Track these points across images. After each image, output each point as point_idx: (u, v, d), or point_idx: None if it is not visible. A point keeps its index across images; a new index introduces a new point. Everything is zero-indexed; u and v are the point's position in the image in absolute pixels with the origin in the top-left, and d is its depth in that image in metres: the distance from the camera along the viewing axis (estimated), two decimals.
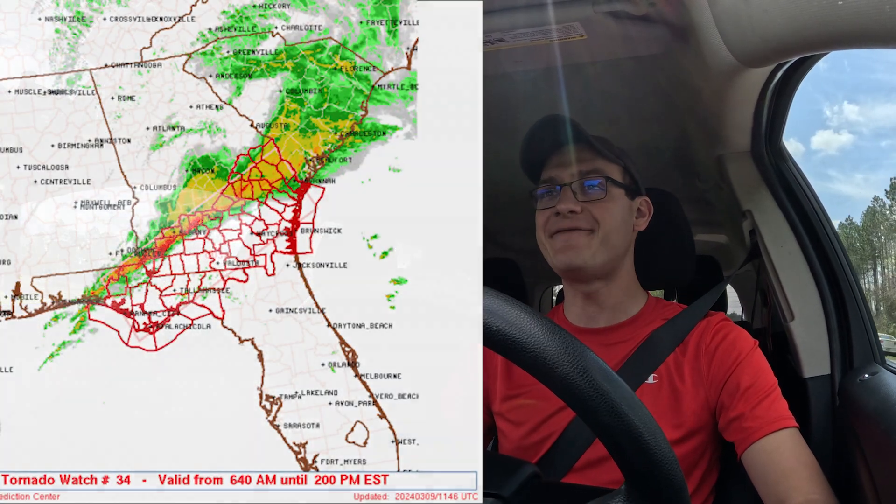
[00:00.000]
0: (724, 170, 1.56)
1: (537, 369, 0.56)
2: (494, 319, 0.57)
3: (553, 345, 0.56)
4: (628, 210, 1.22)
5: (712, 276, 2.19)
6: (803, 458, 1.03)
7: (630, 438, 0.56)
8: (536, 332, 0.56)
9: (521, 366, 0.57)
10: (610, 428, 0.56)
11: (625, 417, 0.56)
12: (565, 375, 0.55)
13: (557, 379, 0.56)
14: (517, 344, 0.56)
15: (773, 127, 1.45)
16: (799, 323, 1.39)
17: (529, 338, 0.56)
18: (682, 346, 1.17)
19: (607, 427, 0.56)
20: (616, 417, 0.55)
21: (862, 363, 1.31)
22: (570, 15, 1.18)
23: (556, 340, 0.56)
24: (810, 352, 1.37)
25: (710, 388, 1.12)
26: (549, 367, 0.56)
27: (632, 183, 1.24)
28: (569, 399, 0.56)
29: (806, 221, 1.45)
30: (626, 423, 0.55)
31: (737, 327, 1.18)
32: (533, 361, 0.56)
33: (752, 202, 1.50)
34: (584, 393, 0.55)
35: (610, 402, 0.55)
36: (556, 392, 0.57)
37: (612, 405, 0.55)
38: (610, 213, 1.17)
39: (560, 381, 0.56)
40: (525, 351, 0.56)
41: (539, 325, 0.57)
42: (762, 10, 0.83)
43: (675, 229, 1.36)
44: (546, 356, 0.56)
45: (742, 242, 1.78)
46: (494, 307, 0.57)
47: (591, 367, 0.56)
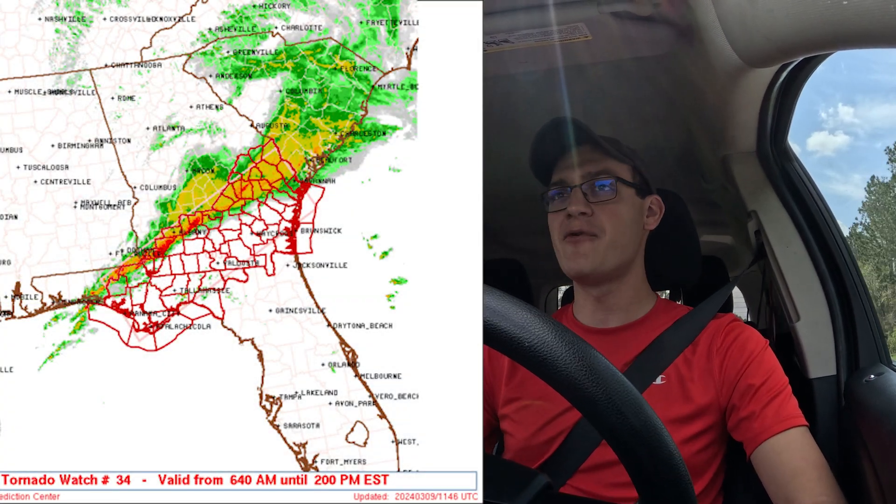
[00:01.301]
0: (730, 170, 1.56)
1: (542, 369, 0.56)
2: (498, 319, 0.57)
3: (557, 344, 0.56)
4: (639, 210, 1.22)
5: (718, 276, 2.18)
6: (812, 458, 1.03)
7: (637, 439, 0.55)
8: (541, 332, 0.56)
9: (525, 366, 0.57)
10: (616, 429, 0.55)
11: (631, 418, 0.55)
12: (570, 375, 0.55)
13: (562, 378, 0.55)
14: (523, 344, 0.56)
15: (779, 127, 1.44)
16: (804, 323, 1.38)
17: (534, 337, 0.56)
18: (692, 347, 1.17)
19: (613, 428, 0.56)
20: (622, 418, 0.55)
21: (868, 364, 1.31)
22: (574, 16, 1.18)
23: (560, 340, 0.56)
24: (816, 352, 1.36)
25: (721, 388, 1.12)
26: (553, 367, 0.55)
27: (642, 182, 1.24)
28: (574, 398, 0.56)
29: (811, 222, 1.44)
30: (632, 423, 0.55)
31: (748, 327, 1.18)
32: (538, 361, 0.56)
33: (757, 203, 1.50)
34: (589, 393, 0.55)
35: (615, 403, 0.55)
36: (561, 391, 0.56)
37: (618, 405, 0.55)
38: (618, 217, 1.18)
39: (565, 381, 0.55)
40: (530, 351, 0.56)
41: (543, 324, 0.56)
42: (767, 11, 0.82)
43: (681, 230, 1.36)
44: (551, 355, 0.55)
45: (748, 243, 1.77)
46: (498, 307, 0.57)
47: (596, 366, 0.56)
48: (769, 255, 1.47)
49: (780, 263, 1.43)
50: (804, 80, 1.28)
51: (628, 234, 1.19)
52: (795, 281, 1.41)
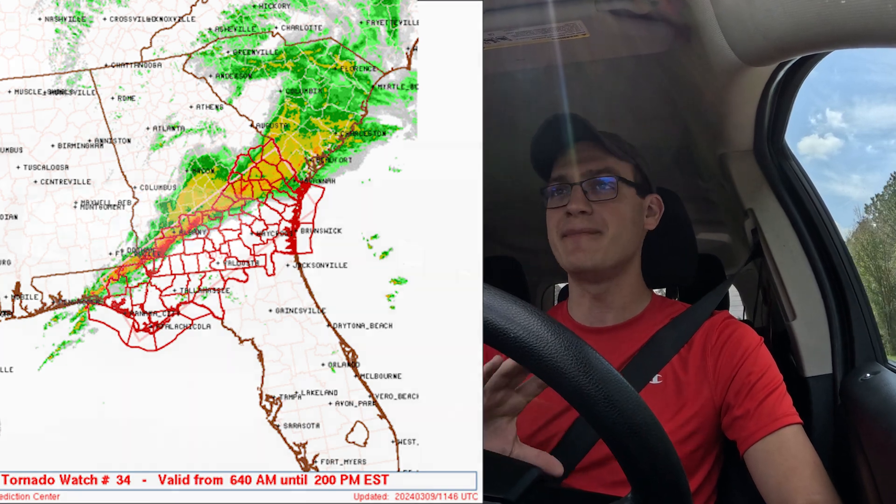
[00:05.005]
0: (727, 168, 1.56)
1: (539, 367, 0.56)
2: (496, 318, 0.57)
3: (555, 342, 0.56)
4: (639, 209, 1.21)
5: (715, 275, 2.18)
6: (806, 456, 1.03)
7: (633, 437, 0.56)
8: (539, 330, 0.56)
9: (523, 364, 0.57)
10: (613, 426, 0.56)
11: (628, 415, 0.55)
12: (567, 373, 0.55)
13: (560, 376, 0.56)
14: (519, 342, 0.56)
15: (776, 126, 1.44)
16: (801, 322, 1.38)
17: (531, 335, 0.56)
18: (688, 346, 1.16)
19: (610, 425, 0.56)
20: (619, 415, 0.55)
21: (863, 362, 1.31)
22: (572, 13, 1.17)
23: (558, 338, 0.56)
24: (812, 351, 1.36)
25: (715, 386, 1.12)
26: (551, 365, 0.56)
27: (643, 181, 1.23)
28: (570, 396, 0.56)
29: (808, 220, 1.44)
30: (629, 421, 0.55)
31: (742, 325, 1.18)
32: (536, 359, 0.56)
33: (754, 201, 1.50)
34: (586, 390, 0.55)
35: (612, 400, 0.55)
36: (558, 389, 0.56)
37: (615, 403, 0.55)
38: (620, 214, 1.16)
39: (562, 379, 0.56)
40: (527, 349, 0.56)
41: (541, 322, 0.57)
42: (765, 9, 0.82)
43: (678, 228, 1.36)
44: (548, 354, 0.55)
45: (744, 241, 1.77)
46: (496, 305, 0.57)
47: (593, 364, 0.56)
48: (765, 254, 1.47)
49: (777, 262, 1.44)
50: (802, 79, 1.28)
51: (629, 232, 1.18)
52: (792, 279, 1.41)
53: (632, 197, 1.19)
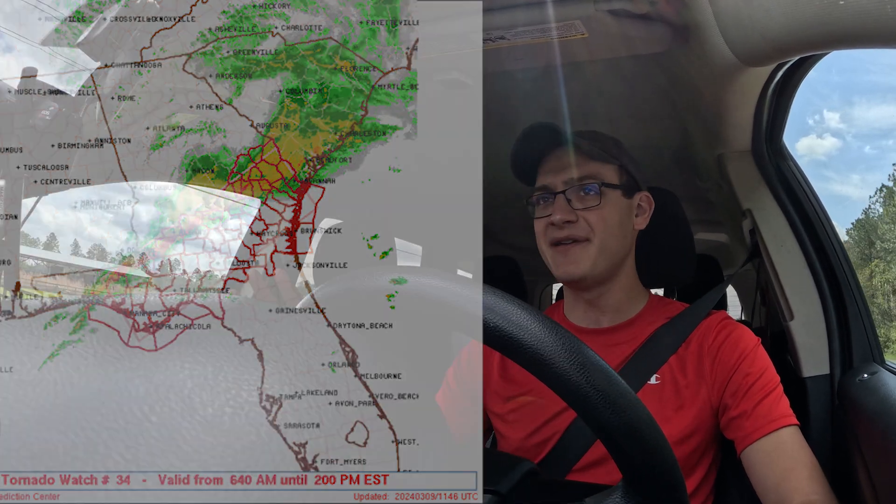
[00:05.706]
0: (725, 169, 1.56)
1: (536, 366, 0.56)
2: (493, 317, 0.57)
3: (551, 341, 0.56)
4: (626, 210, 1.20)
5: (712, 275, 2.18)
6: (803, 457, 1.03)
7: (629, 436, 0.56)
8: (535, 329, 0.56)
9: (519, 363, 0.57)
10: (608, 425, 0.56)
11: (623, 414, 0.56)
12: (564, 372, 0.55)
13: (556, 375, 0.56)
14: (515, 341, 0.56)
15: (774, 126, 1.45)
16: (798, 322, 1.39)
17: (528, 335, 0.56)
18: (685, 346, 1.16)
19: (605, 424, 0.56)
20: (614, 414, 0.55)
21: (861, 363, 1.31)
22: (570, 13, 1.17)
23: (554, 337, 0.56)
24: (809, 351, 1.37)
25: (712, 387, 1.12)
26: (547, 364, 0.56)
27: (629, 181, 1.21)
28: (567, 395, 0.56)
29: (806, 221, 1.45)
30: (624, 419, 0.56)
31: (739, 325, 1.18)
32: (532, 358, 0.56)
33: (752, 201, 1.50)
34: (582, 389, 0.56)
35: (608, 399, 0.55)
36: (554, 388, 0.57)
37: (611, 401, 0.55)
38: (606, 220, 1.16)
39: (558, 378, 0.56)
40: (523, 347, 0.56)
41: (538, 322, 0.57)
42: (763, 10, 0.83)
43: (676, 228, 1.36)
44: (545, 353, 0.56)
45: (742, 242, 1.77)
46: (493, 304, 0.57)
47: (589, 363, 0.56)
48: (763, 254, 1.47)
49: (775, 262, 1.44)
50: (800, 80, 1.29)
51: (617, 236, 1.17)
52: (789, 280, 1.42)
53: (617, 200, 1.18)
